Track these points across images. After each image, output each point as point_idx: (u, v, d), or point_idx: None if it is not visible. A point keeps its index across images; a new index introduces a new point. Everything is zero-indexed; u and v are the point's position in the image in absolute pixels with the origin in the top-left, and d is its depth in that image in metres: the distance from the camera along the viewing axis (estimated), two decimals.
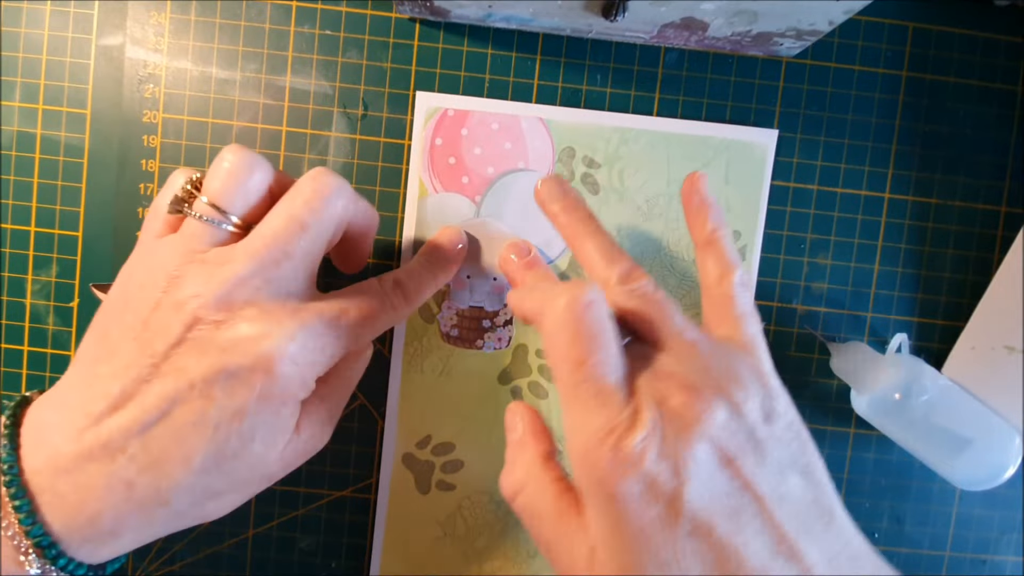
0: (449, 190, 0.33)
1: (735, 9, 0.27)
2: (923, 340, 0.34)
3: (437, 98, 0.33)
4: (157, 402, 0.22)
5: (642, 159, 0.33)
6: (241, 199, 0.24)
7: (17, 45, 0.32)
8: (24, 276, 0.33)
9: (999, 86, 0.34)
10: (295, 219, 0.23)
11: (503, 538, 0.34)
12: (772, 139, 0.33)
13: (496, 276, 0.33)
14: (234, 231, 0.24)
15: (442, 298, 0.33)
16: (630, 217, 0.33)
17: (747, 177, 0.33)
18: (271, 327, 0.22)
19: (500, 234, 0.33)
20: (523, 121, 0.33)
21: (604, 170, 0.33)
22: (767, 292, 0.34)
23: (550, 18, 0.30)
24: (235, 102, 0.33)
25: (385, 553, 0.33)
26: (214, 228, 0.24)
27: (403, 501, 0.33)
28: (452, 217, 0.33)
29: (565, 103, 0.33)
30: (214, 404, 0.22)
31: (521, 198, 0.33)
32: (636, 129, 0.33)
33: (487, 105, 0.33)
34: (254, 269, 0.23)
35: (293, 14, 0.32)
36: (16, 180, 0.33)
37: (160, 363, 0.22)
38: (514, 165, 0.33)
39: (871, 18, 0.33)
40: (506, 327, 0.33)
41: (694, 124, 0.33)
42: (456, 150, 0.33)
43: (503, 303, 0.33)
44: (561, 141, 0.33)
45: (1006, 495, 0.35)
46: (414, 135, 0.33)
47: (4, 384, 0.33)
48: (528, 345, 0.33)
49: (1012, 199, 0.34)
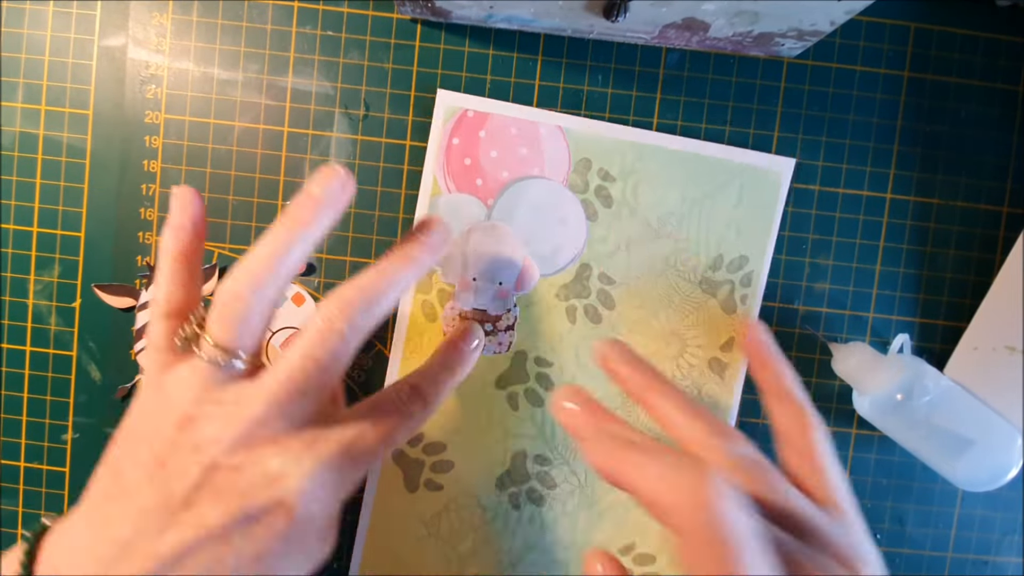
0: (462, 191, 0.33)
1: (736, 9, 0.27)
2: (925, 341, 0.34)
3: (458, 98, 0.32)
4: (171, 551, 0.21)
5: (657, 176, 0.33)
6: (248, 337, 0.23)
7: (19, 46, 0.32)
8: (26, 276, 0.33)
9: (1001, 86, 0.34)
10: (309, 358, 0.23)
11: (487, 544, 0.34)
12: (789, 167, 0.33)
13: (502, 281, 0.33)
14: (246, 368, 0.24)
15: (446, 298, 0.33)
16: (640, 233, 0.33)
17: (760, 202, 0.33)
18: (289, 466, 0.22)
19: (509, 239, 0.33)
20: (542, 128, 0.33)
21: (619, 184, 0.33)
22: (768, 292, 0.34)
23: (551, 19, 0.30)
24: (237, 103, 0.33)
25: (367, 548, 0.33)
26: (225, 368, 0.23)
27: (390, 497, 0.33)
28: (464, 218, 0.33)
29: (566, 104, 0.33)
30: (232, 550, 0.21)
31: (533, 204, 0.33)
32: (653, 146, 0.33)
33: (507, 109, 0.32)
34: (271, 411, 0.22)
35: (295, 15, 0.33)
36: (18, 181, 0.33)
37: (177, 511, 0.21)
38: (529, 171, 0.33)
39: (873, 18, 0.33)
40: (507, 332, 0.33)
41: (712, 146, 0.33)
42: (473, 151, 0.33)
43: (506, 307, 0.33)
44: (578, 151, 0.33)
45: (1008, 496, 0.35)
46: (432, 133, 0.33)
47: (5, 384, 0.33)
48: (527, 352, 0.33)
49: (1014, 199, 0.34)
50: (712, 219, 0.33)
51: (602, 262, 0.33)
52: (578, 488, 0.34)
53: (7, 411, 0.33)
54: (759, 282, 0.33)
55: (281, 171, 0.33)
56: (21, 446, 0.34)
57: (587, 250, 0.33)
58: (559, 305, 0.33)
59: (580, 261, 0.33)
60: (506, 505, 0.34)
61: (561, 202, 0.33)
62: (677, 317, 0.33)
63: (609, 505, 0.34)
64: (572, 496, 0.34)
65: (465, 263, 0.33)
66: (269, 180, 0.33)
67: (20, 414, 0.33)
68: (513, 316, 0.33)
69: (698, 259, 0.33)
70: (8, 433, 0.34)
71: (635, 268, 0.33)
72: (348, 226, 0.33)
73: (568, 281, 0.33)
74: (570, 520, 0.34)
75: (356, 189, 0.25)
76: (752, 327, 0.29)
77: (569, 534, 0.34)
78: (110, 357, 0.33)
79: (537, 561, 0.34)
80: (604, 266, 0.33)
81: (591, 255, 0.33)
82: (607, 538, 0.34)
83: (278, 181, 0.33)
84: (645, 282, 0.33)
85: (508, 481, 0.34)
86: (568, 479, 0.34)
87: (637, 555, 0.34)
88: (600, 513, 0.34)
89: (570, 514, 0.34)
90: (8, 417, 0.33)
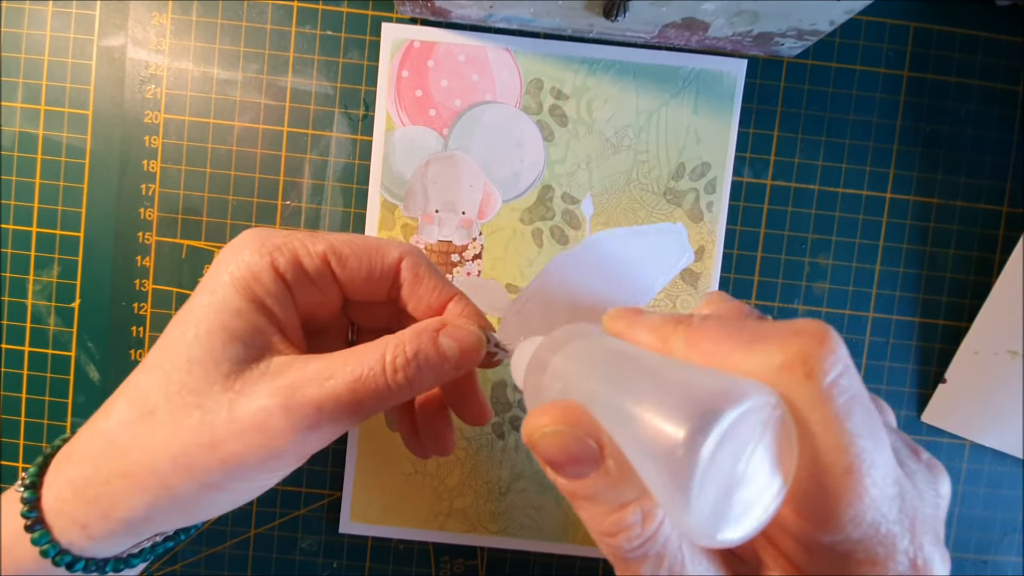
0: (416, 123, 0.33)
1: (736, 9, 0.27)
2: (925, 340, 0.34)
3: (403, 29, 0.32)
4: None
5: (610, 90, 0.33)
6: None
7: (19, 46, 0.32)
8: (25, 276, 0.33)
9: (1001, 86, 0.34)
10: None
11: (475, 475, 0.34)
12: (741, 68, 0.33)
13: (464, 210, 0.33)
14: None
15: (411, 232, 0.33)
16: (599, 149, 0.33)
17: (717, 107, 0.33)
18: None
19: (468, 167, 0.33)
20: (490, 52, 0.32)
21: (572, 102, 0.33)
22: (768, 292, 0.34)
23: (551, 18, 0.30)
24: (236, 103, 0.33)
25: (356, 490, 0.33)
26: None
27: (374, 436, 0.33)
28: (420, 150, 0.33)
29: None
30: None
31: (488, 130, 0.33)
32: (604, 60, 0.33)
33: (454, 36, 0.32)
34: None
35: (294, 15, 0.32)
36: (18, 181, 0.33)
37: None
38: (481, 97, 0.33)
39: (872, 18, 0.33)
40: (474, 261, 0.33)
41: (662, 54, 0.33)
42: (423, 82, 0.32)
43: (471, 237, 0.33)
44: (528, 73, 0.33)
45: (1007, 496, 0.35)
46: (380, 68, 0.32)
47: (4, 385, 0.33)
48: (498, 280, 0.33)
49: (1014, 199, 0.34)
50: (670, 128, 0.33)
51: (563, 182, 0.33)
52: None
53: (5, 412, 0.33)
54: (723, 187, 0.33)
55: (281, 171, 0.33)
56: (20, 446, 0.34)
57: (547, 171, 0.33)
58: (524, 229, 0.33)
59: (541, 183, 0.33)
60: (490, 435, 0.34)
61: (516, 125, 0.33)
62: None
63: None
64: None
65: (426, 196, 0.33)
66: (269, 180, 0.33)
67: (19, 415, 0.33)
68: (479, 245, 0.33)
69: (660, 170, 0.33)
70: (7, 434, 0.33)
71: (597, 185, 0.33)
72: (349, 227, 0.33)
73: (531, 204, 0.33)
74: None
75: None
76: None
77: None
78: (109, 358, 0.33)
79: (527, 488, 0.34)
80: (566, 186, 0.33)
81: (552, 176, 0.33)
82: None
83: (278, 181, 0.33)
84: (609, 198, 0.33)
85: None
86: None
87: None
88: None
89: None
90: (7, 418, 0.33)
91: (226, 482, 0.21)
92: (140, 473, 0.20)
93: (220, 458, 0.20)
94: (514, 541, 0.34)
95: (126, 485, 0.21)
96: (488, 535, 0.34)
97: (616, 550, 0.16)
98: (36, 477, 0.22)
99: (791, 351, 0.15)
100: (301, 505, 0.34)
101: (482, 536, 0.34)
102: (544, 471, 0.17)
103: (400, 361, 0.21)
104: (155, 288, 0.33)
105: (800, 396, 0.15)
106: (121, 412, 0.21)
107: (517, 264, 0.33)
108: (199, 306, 0.21)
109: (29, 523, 0.21)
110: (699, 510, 0.14)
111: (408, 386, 0.21)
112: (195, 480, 0.20)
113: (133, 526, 0.21)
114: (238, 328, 0.21)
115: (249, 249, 0.22)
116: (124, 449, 0.21)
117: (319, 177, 0.33)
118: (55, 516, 0.21)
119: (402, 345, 0.21)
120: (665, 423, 0.14)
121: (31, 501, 0.21)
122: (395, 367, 0.21)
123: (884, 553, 0.15)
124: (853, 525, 0.15)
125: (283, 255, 0.22)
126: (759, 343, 0.16)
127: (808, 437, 0.15)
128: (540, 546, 0.34)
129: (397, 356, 0.21)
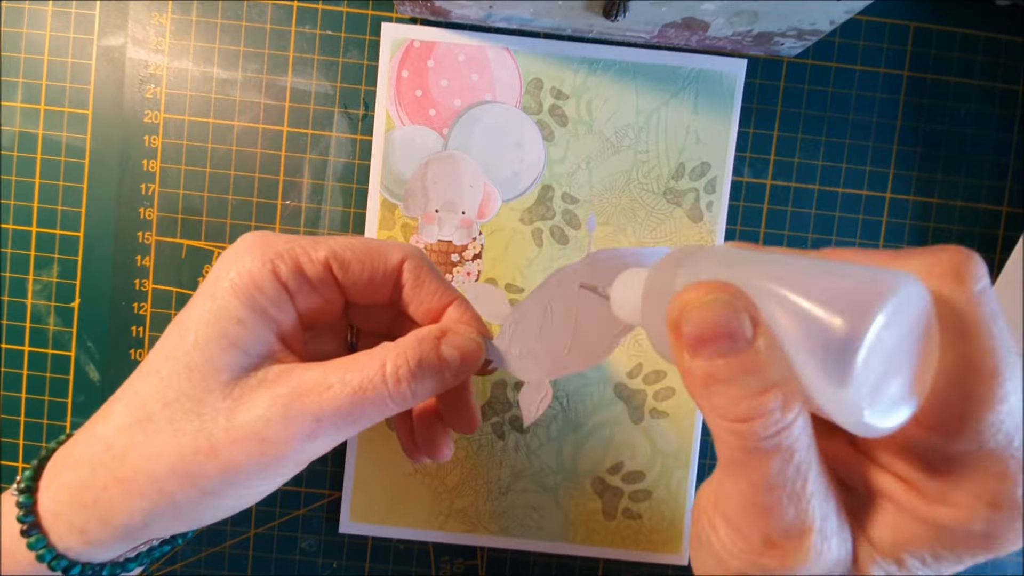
0: (416, 123, 0.33)
1: (736, 9, 0.27)
2: None
3: (403, 29, 0.32)
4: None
5: (610, 90, 0.33)
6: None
7: (19, 46, 0.32)
8: (25, 276, 0.33)
9: (1000, 86, 0.34)
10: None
11: (475, 475, 0.34)
12: (741, 68, 0.33)
13: (464, 210, 0.33)
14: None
15: (411, 232, 0.33)
16: (599, 149, 0.33)
17: (717, 107, 0.33)
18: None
19: (468, 167, 0.33)
20: (490, 52, 0.32)
21: (572, 101, 0.33)
22: None
23: (551, 18, 0.30)
24: (236, 102, 0.33)
25: (356, 489, 0.33)
26: None
27: (374, 435, 0.33)
28: (420, 150, 0.33)
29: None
30: None
31: (488, 130, 0.33)
32: (604, 60, 0.33)
33: (454, 36, 0.32)
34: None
35: (294, 14, 0.32)
36: (18, 180, 0.33)
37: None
38: (481, 97, 0.33)
39: (872, 18, 0.33)
40: (474, 261, 0.33)
41: (662, 54, 0.33)
42: (423, 82, 0.32)
43: (471, 236, 0.33)
44: (528, 72, 0.33)
45: None
46: (380, 68, 0.32)
47: (4, 385, 0.33)
48: (497, 280, 0.33)
49: (1014, 199, 0.34)
50: (670, 128, 0.33)
51: (563, 182, 0.33)
52: (561, 412, 0.34)
53: (5, 411, 0.33)
54: (723, 187, 0.33)
55: (281, 171, 0.33)
56: (19, 447, 0.33)
57: (547, 171, 0.33)
58: (524, 229, 0.33)
59: (541, 183, 0.33)
60: (490, 435, 0.34)
61: (516, 125, 0.33)
62: (645, 230, 0.33)
63: (594, 427, 0.34)
64: (555, 421, 0.34)
65: (426, 195, 0.33)
66: (269, 180, 0.33)
67: (18, 415, 0.33)
68: (479, 244, 0.33)
69: (660, 170, 0.33)
70: (6, 434, 0.33)
71: (597, 185, 0.33)
72: (348, 227, 0.33)
73: (531, 204, 0.33)
74: (555, 445, 0.34)
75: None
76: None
77: (555, 459, 0.34)
78: (109, 357, 0.33)
79: (527, 488, 0.34)
80: (566, 186, 0.33)
81: (551, 176, 0.33)
82: (594, 460, 0.34)
83: (278, 181, 0.33)
84: (609, 198, 0.33)
85: (489, 411, 0.34)
86: (550, 404, 0.33)
87: (626, 473, 0.34)
88: (586, 435, 0.34)
89: (555, 439, 0.34)
90: (6, 418, 0.33)
91: (225, 489, 0.21)
92: (138, 479, 0.20)
93: (219, 466, 0.20)
94: (514, 541, 0.34)
95: (124, 491, 0.20)
96: (488, 535, 0.34)
97: (748, 439, 0.15)
98: (31, 481, 0.22)
99: (941, 259, 0.15)
100: (301, 505, 0.34)
101: (482, 536, 0.34)
102: (674, 356, 0.16)
103: (403, 372, 0.21)
104: (155, 288, 0.33)
105: (951, 298, 0.15)
106: (119, 417, 0.21)
107: (517, 264, 0.33)
108: (199, 312, 0.21)
109: (25, 527, 0.21)
110: (857, 385, 0.13)
111: (410, 396, 0.21)
112: (194, 487, 0.20)
113: (131, 531, 0.21)
114: (238, 336, 0.21)
115: (251, 255, 0.22)
116: (122, 455, 0.20)
117: (319, 177, 0.33)
118: (52, 520, 0.21)
119: (403, 355, 0.21)
120: (830, 300, 0.14)
121: (27, 505, 0.21)
122: (397, 377, 0.21)
123: (1015, 467, 0.15)
124: (991, 432, 0.14)
125: (285, 262, 0.22)
126: (903, 257, 0.16)
127: (955, 339, 0.15)
128: (540, 546, 0.34)
129: (400, 366, 0.21)
